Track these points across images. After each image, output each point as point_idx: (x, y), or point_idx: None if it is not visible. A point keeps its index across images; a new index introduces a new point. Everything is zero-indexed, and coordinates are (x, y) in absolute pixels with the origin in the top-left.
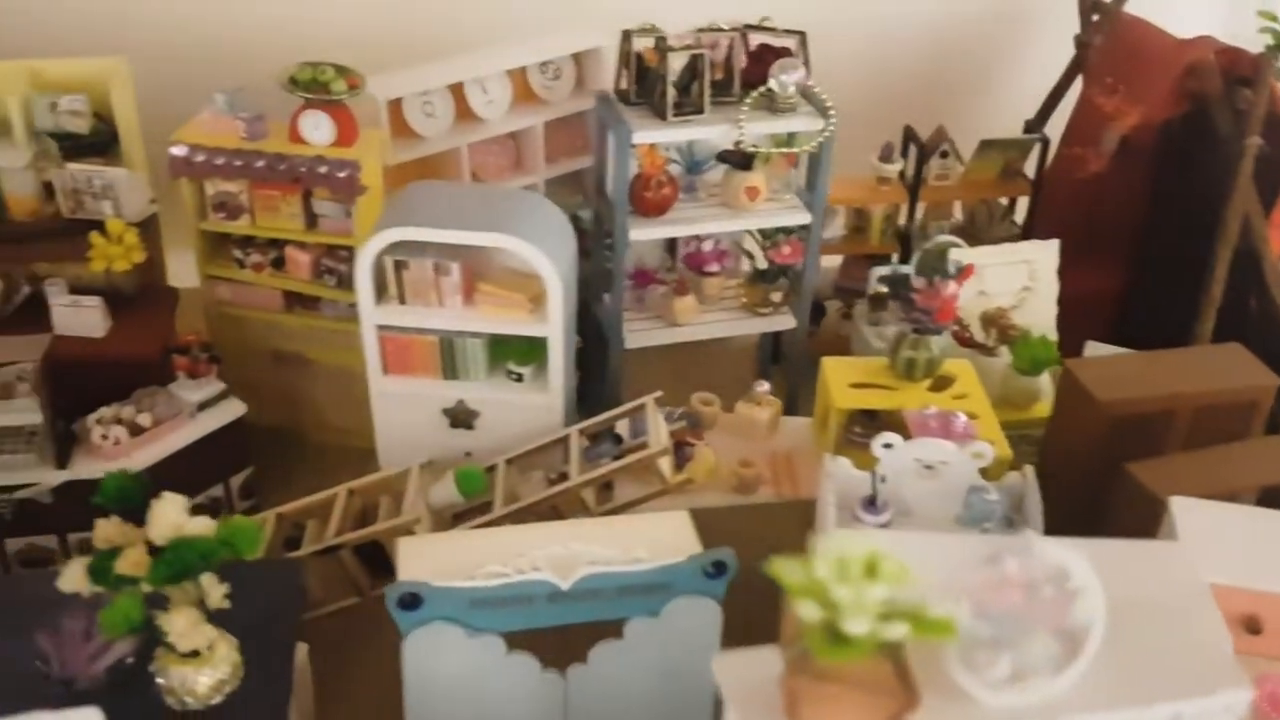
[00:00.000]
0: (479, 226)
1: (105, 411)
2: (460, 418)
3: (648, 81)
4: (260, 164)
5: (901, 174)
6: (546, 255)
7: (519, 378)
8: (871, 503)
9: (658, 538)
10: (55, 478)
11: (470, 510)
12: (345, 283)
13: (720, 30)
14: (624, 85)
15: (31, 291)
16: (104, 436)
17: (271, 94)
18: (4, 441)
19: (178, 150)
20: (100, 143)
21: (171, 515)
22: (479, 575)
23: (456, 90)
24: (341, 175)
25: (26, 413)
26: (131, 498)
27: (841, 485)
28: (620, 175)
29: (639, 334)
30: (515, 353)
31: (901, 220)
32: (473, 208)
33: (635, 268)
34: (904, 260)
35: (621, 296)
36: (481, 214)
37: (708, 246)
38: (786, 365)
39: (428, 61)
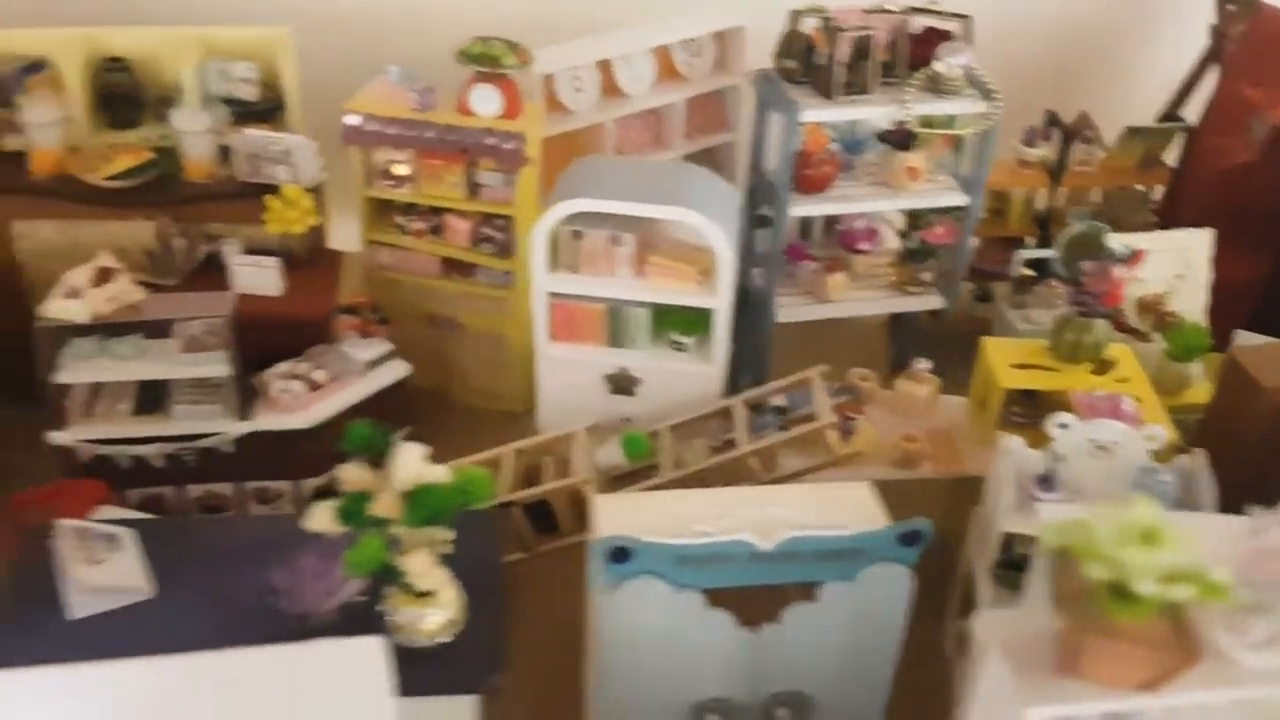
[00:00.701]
0: (655, 200)
1: (283, 366)
2: (621, 384)
3: (813, 60)
4: (430, 134)
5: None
6: (721, 229)
7: (682, 347)
8: (1046, 480)
9: (846, 507)
10: (238, 428)
11: (633, 473)
12: (502, 250)
13: (887, 11)
14: (789, 64)
15: (209, 251)
16: (284, 391)
17: (430, 66)
18: (192, 392)
19: (352, 119)
20: (266, 110)
21: (414, 463)
22: (685, 534)
23: (604, 66)
24: (508, 147)
25: (216, 365)
26: (374, 446)
27: (1016, 463)
28: (785, 152)
29: (790, 308)
30: (679, 323)
31: (1040, 204)
32: (647, 181)
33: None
34: (1041, 245)
35: (778, 271)
36: (656, 188)
37: (859, 224)
38: (918, 344)
39: (574, 39)
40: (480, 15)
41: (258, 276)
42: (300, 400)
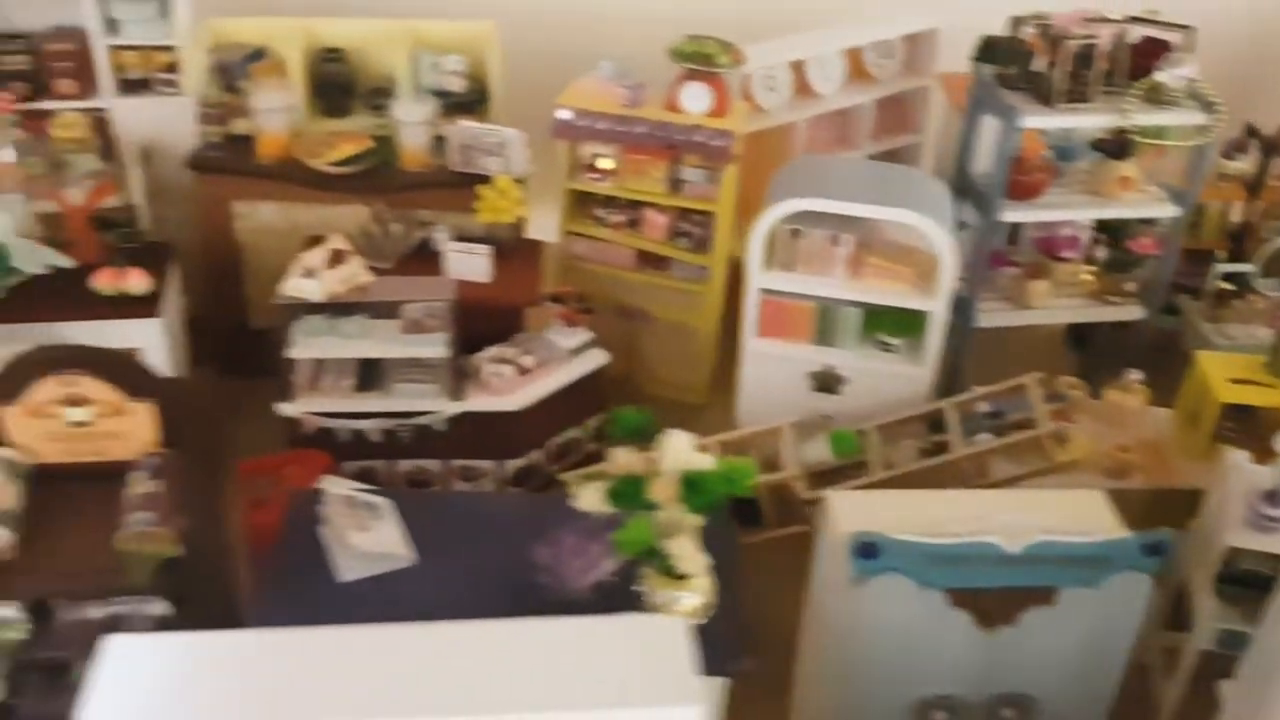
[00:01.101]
0: (880, 201)
1: (493, 350)
2: (826, 382)
3: (1031, 67)
4: (640, 129)
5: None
6: (944, 232)
7: (890, 348)
8: (1275, 497)
9: (1082, 513)
10: (451, 407)
11: (837, 470)
12: (699, 245)
13: (1107, 20)
14: (1005, 69)
15: (422, 237)
16: (494, 374)
17: (624, 61)
18: (411, 371)
19: (564, 114)
20: (471, 102)
21: (684, 450)
22: (928, 533)
23: (797, 66)
24: (717, 144)
25: (436, 346)
26: (642, 431)
27: (1243, 479)
28: (1001, 158)
29: (990, 314)
30: (888, 324)
31: (1235, 218)
32: (868, 183)
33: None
34: (1235, 259)
35: (981, 276)
36: (878, 189)
37: (1064, 232)
38: (1105, 354)
39: (768, 39)
40: (672, 13)
41: (469, 263)
42: (510, 384)
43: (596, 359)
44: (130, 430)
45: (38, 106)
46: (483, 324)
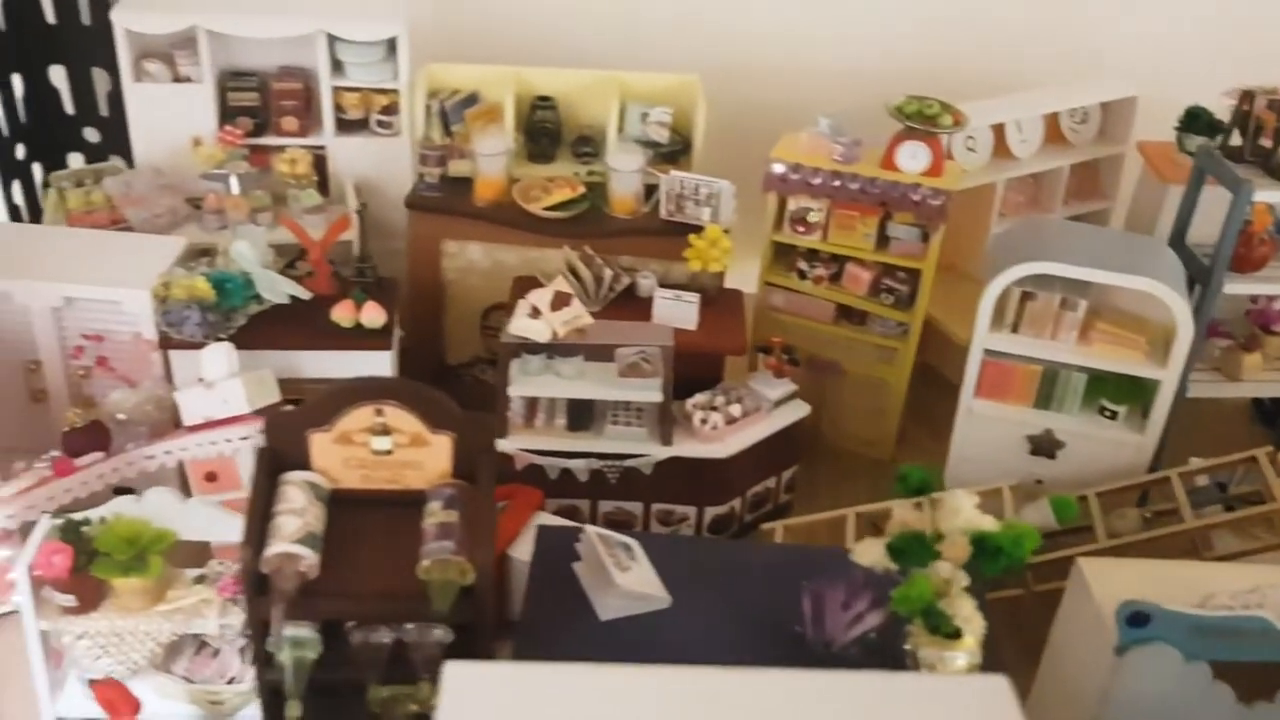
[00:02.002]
0: (1112, 267)
1: (701, 398)
2: (1043, 446)
3: (1259, 140)
4: (854, 185)
5: None
6: (1183, 301)
7: (1113, 415)
8: None
9: None
10: (661, 452)
11: (1054, 534)
12: (901, 302)
13: None
14: (1232, 141)
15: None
16: (703, 421)
17: (843, 118)
18: (624, 414)
19: (778, 167)
20: (674, 152)
21: (967, 509)
22: (1206, 605)
23: (996, 129)
24: (934, 203)
25: (651, 391)
26: (926, 487)
27: None
28: (1229, 230)
29: (1200, 384)
30: (1111, 391)
31: None
32: (1097, 247)
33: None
34: None
35: (1198, 347)
36: (1110, 254)
37: (1278, 306)
38: None
39: (972, 100)
40: (877, 69)
41: (677, 310)
42: (719, 432)
43: (799, 410)
44: (426, 461)
45: (262, 142)
46: (688, 370)
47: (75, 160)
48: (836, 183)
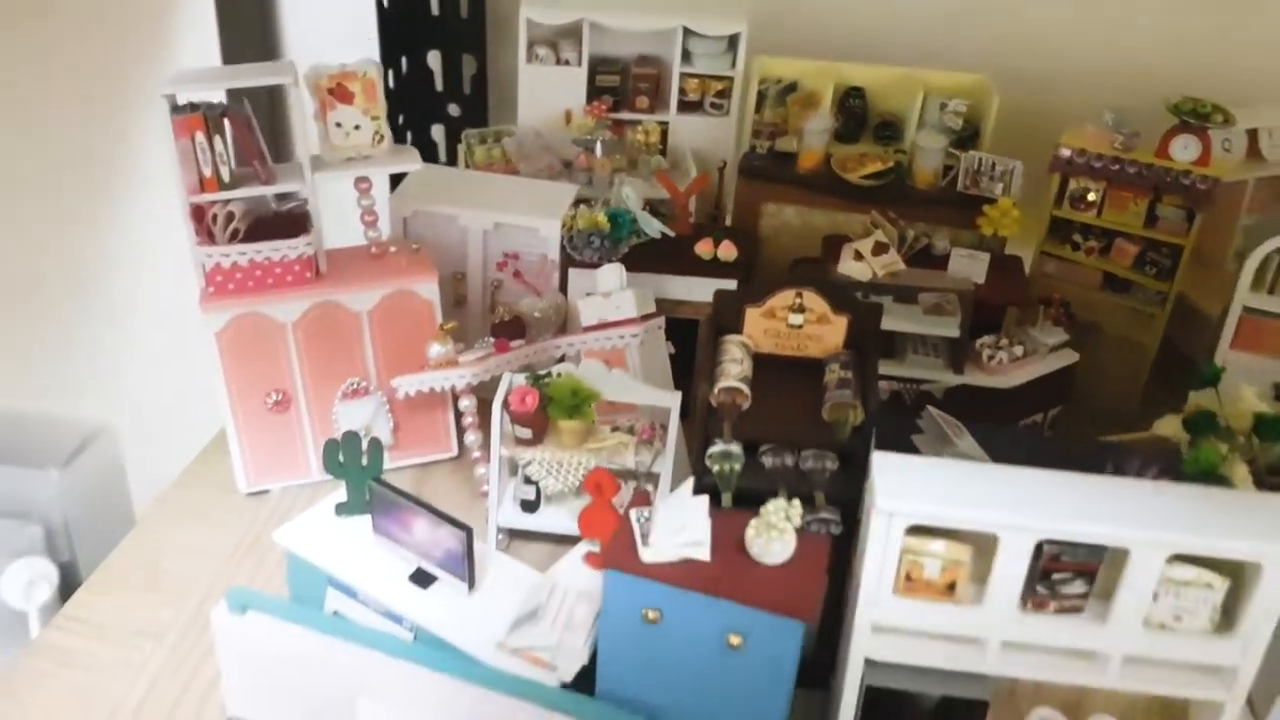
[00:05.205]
0: None
1: (989, 338)
2: None
3: None
4: (1131, 170)
5: None
6: None
7: None
8: None
9: None
10: (952, 380)
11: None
12: (1163, 274)
13: None
14: None
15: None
16: (989, 357)
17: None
18: (924, 346)
19: (1064, 152)
20: (966, 138)
21: (1248, 396)
22: None
23: (1250, 133)
24: (1202, 188)
25: (949, 328)
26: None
27: None
28: None
29: None
30: None
31: None
32: None
33: None
34: None
35: None
36: None
37: None
38: None
39: (1234, 107)
40: (1155, 71)
41: (970, 265)
42: (1003, 367)
43: (1068, 357)
44: (826, 335)
45: (618, 116)
46: (976, 316)
47: (436, 132)
48: (1115, 167)
